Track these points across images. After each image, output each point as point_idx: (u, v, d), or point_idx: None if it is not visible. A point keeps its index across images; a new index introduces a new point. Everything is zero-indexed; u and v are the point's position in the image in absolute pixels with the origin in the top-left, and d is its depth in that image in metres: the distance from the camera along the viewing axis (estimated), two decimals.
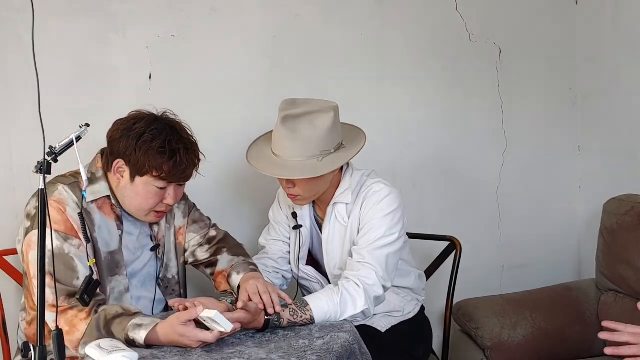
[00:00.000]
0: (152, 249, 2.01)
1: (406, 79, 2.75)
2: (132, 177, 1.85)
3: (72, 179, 1.88)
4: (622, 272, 2.39)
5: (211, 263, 2.10)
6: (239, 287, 1.94)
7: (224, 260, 2.07)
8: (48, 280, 1.44)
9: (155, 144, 1.81)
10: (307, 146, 1.93)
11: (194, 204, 2.15)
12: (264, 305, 1.79)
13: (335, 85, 2.61)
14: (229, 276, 2.01)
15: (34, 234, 1.80)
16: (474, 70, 2.83)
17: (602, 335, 1.55)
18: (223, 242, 2.12)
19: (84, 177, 1.54)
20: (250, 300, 1.81)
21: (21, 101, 2.25)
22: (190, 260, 2.11)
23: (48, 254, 1.39)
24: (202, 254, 2.10)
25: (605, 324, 1.57)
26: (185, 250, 2.10)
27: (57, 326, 1.37)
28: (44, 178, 1.38)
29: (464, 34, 2.79)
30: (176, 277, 2.07)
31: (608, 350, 1.52)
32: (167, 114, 1.91)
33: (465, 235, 2.51)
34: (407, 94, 2.76)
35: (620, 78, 2.73)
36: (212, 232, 2.13)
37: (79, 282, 1.77)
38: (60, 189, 1.83)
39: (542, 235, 2.99)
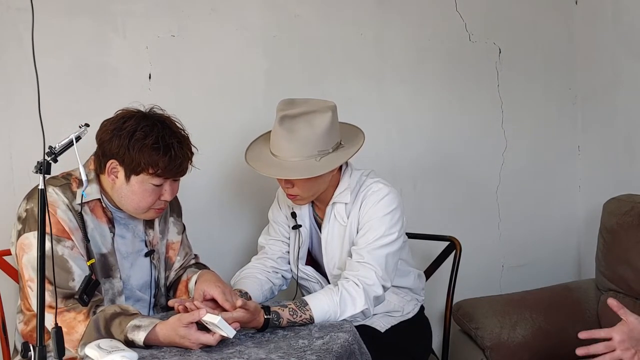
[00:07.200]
0: (147, 254, 2.00)
1: (406, 78, 2.75)
2: (127, 177, 1.83)
3: (63, 181, 1.87)
4: (622, 272, 2.39)
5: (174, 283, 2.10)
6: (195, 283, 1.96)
7: (187, 271, 2.09)
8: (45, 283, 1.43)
9: (149, 141, 1.78)
10: (305, 146, 1.93)
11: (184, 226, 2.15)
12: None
13: (335, 85, 2.62)
14: (189, 280, 2.02)
15: (26, 237, 1.80)
16: (474, 70, 2.83)
17: (580, 352, 1.54)
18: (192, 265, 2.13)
19: (84, 176, 1.53)
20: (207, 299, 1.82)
21: (21, 101, 2.25)
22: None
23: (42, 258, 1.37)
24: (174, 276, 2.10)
25: (581, 335, 1.54)
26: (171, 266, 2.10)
27: (56, 323, 1.36)
28: (44, 178, 1.38)
29: (464, 34, 2.80)
30: (162, 289, 2.07)
31: (580, 351, 1.52)
32: (155, 109, 1.89)
33: (465, 235, 2.51)
34: (407, 93, 2.76)
35: (620, 78, 2.73)
36: (192, 261, 2.13)
37: (75, 284, 1.77)
38: (50, 191, 1.81)
39: (542, 235, 2.99)
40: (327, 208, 2.08)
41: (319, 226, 2.14)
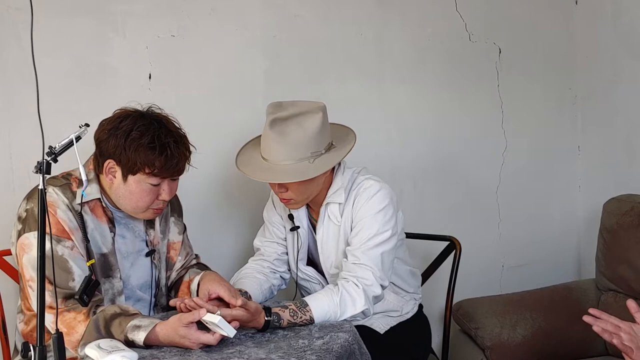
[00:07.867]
0: (148, 254, 2.00)
1: (406, 78, 2.75)
2: (125, 177, 1.82)
3: (63, 181, 1.86)
4: (622, 272, 2.39)
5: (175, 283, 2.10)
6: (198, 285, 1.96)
7: (189, 272, 2.08)
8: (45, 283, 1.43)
9: (145, 140, 1.78)
10: (297, 149, 1.90)
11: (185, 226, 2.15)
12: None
13: (335, 85, 2.62)
14: (191, 281, 2.02)
15: (26, 237, 1.80)
16: (474, 70, 2.83)
17: (586, 319, 1.57)
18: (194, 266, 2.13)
19: (84, 176, 1.53)
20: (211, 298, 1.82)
21: (21, 101, 2.24)
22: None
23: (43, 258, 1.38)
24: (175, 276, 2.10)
25: (591, 311, 1.58)
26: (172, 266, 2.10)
27: (57, 329, 1.36)
28: (43, 178, 1.38)
29: (464, 34, 2.80)
30: (163, 289, 2.07)
31: (586, 319, 1.56)
32: (153, 108, 1.88)
33: (465, 235, 2.52)
34: (407, 93, 2.76)
35: (620, 78, 2.73)
36: (193, 262, 2.13)
37: (75, 284, 1.77)
38: (50, 191, 1.81)
39: (542, 235, 2.99)
40: (321, 209, 2.05)
41: (314, 227, 2.13)
